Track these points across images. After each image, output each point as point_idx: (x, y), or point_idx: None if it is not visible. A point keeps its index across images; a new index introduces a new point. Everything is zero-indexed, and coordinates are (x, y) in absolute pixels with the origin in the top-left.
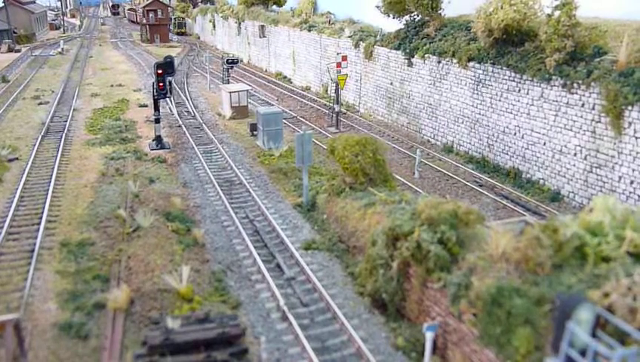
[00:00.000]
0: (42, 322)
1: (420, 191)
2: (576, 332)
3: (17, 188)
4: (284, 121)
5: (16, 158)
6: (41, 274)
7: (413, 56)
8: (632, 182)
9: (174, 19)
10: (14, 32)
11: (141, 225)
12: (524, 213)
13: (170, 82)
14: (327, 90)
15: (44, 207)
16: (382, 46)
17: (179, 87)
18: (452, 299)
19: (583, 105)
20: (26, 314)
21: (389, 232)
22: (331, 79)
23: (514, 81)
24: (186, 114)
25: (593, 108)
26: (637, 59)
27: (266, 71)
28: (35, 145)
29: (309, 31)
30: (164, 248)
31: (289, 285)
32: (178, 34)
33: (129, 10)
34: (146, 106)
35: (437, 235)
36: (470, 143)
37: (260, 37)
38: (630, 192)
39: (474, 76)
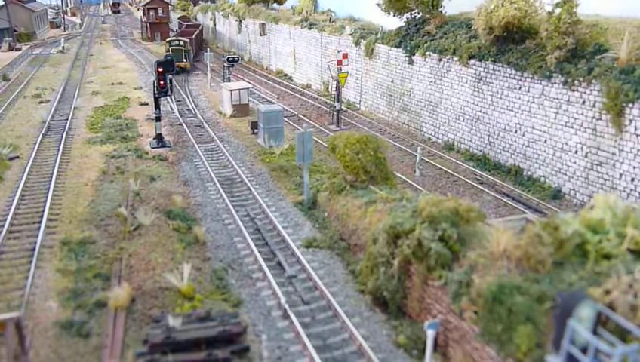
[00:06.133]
0: (43, 320)
1: (421, 188)
2: (577, 330)
3: (18, 187)
4: (284, 119)
5: (17, 157)
6: (42, 273)
7: (414, 54)
8: (632, 180)
9: (169, 48)
10: (15, 31)
11: (142, 224)
12: (525, 211)
13: (170, 80)
14: (327, 88)
15: (44, 206)
16: (383, 44)
17: (179, 85)
18: (453, 296)
19: (583, 102)
20: (27, 312)
21: (390, 230)
22: (332, 77)
23: (515, 78)
24: (186, 112)
25: (594, 106)
26: (638, 56)
27: (266, 69)
28: (35, 143)
29: (310, 29)
30: (165, 246)
31: (290, 283)
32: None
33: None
34: (147, 104)
35: (438, 233)
36: (471, 141)
37: (261, 35)
38: (631, 190)
39: (475, 74)
